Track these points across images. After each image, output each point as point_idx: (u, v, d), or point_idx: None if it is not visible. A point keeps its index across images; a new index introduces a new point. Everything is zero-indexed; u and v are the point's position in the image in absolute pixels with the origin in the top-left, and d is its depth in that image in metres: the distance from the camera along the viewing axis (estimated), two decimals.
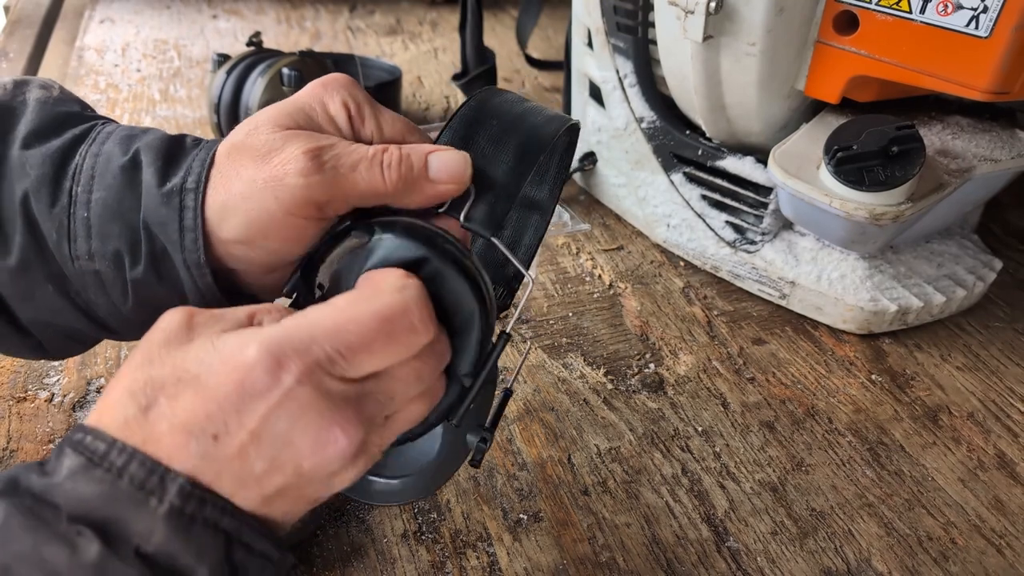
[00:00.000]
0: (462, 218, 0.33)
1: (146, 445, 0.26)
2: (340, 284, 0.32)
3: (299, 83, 0.77)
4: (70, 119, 0.37)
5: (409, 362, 0.30)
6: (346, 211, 0.33)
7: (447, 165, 0.33)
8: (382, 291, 0.29)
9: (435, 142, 0.35)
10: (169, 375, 0.27)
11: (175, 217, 0.34)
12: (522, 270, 0.36)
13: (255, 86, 0.76)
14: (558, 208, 0.75)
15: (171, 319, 0.29)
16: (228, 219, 0.33)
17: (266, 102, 0.76)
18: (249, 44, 0.82)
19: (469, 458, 0.36)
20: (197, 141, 0.37)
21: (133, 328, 0.38)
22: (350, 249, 0.32)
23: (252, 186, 0.33)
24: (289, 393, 0.26)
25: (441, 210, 0.34)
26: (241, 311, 0.30)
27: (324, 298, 0.32)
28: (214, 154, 0.35)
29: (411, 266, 0.31)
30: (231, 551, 0.26)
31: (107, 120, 0.39)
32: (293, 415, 0.27)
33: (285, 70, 0.77)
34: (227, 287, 0.36)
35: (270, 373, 0.26)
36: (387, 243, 0.31)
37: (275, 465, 0.27)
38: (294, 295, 0.34)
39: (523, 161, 0.34)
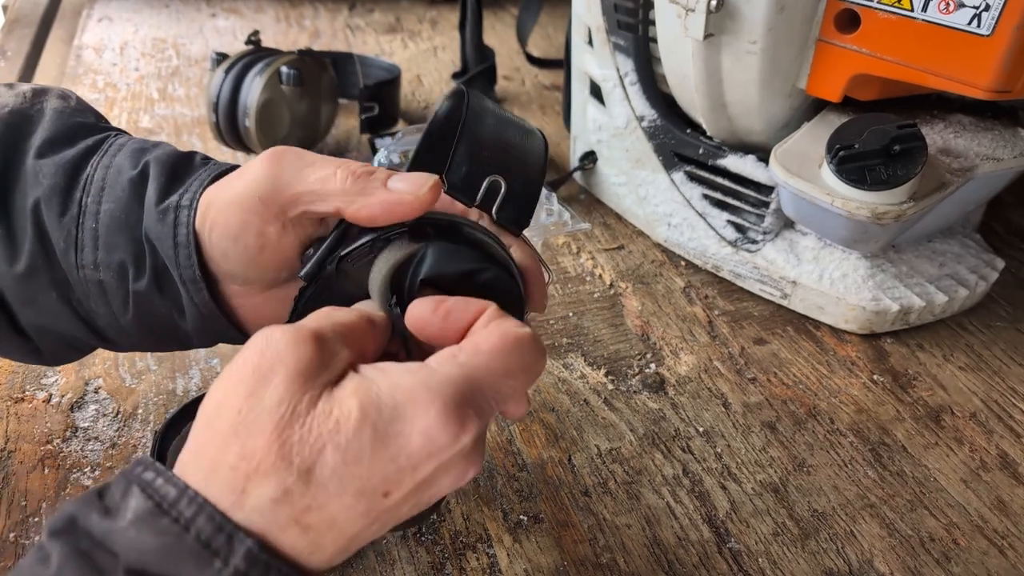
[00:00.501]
0: (495, 214, 0.34)
1: (307, 513, 0.25)
2: (400, 291, 0.32)
3: (298, 82, 0.77)
4: (84, 129, 0.38)
5: None
6: (298, 211, 0.33)
7: (411, 176, 0.32)
8: (525, 344, 0.29)
9: (429, 145, 0.35)
10: (330, 433, 0.25)
11: (170, 233, 0.34)
12: (547, 269, 0.36)
13: (253, 85, 0.76)
14: (558, 207, 0.74)
15: (300, 349, 0.27)
16: (212, 233, 0.33)
17: (265, 101, 0.76)
18: (248, 43, 0.82)
19: None
20: (206, 160, 0.38)
21: (130, 339, 0.38)
22: (406, 257, 0.32)
23: (226, 192, 0.33)
24: (461, 449, 0.27)
25: (474, 205, 0.34)
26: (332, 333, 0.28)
27: (401, 308, 0.31)
28: (217, 174, 0.35)
29: (471, 273, 0.32)
30: None
31: (120, 132, 0.39)
32: (454, 466, 0.27)
33: (284, 69, 0.76)
34: (227, 305, 0.36)
35: (454, 436, 0.26)
36: (445, 250, 0.32)
37: (413, 506, 0.27)
38: (313, 276, 0.33)
39: (536, 164, 0.35)
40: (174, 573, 0.24)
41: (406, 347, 0.33)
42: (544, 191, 0.73)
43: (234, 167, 0.36)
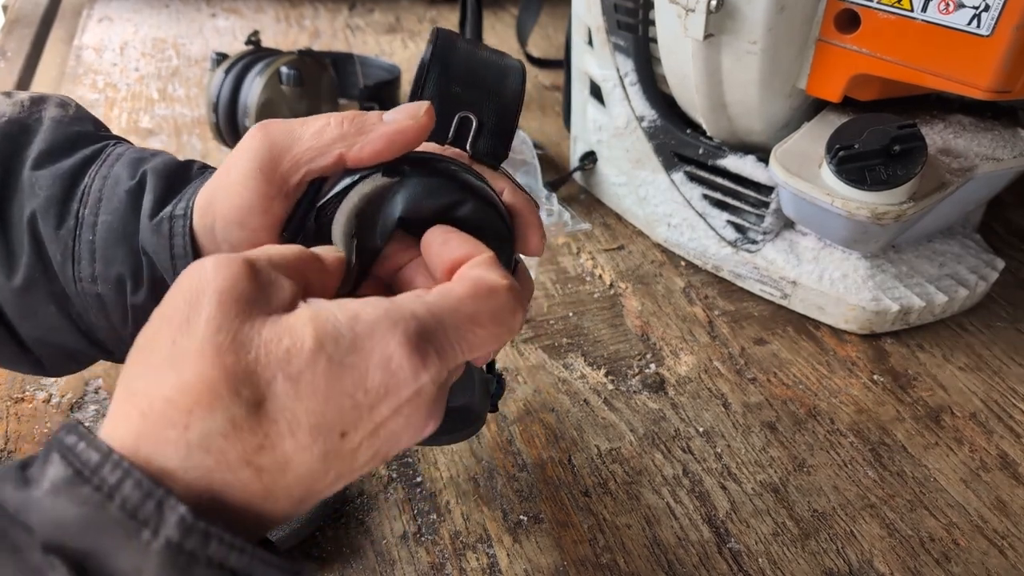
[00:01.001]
0: (469, 149, 0.33)
1: (260, 453, 0.23)
2: (371, 227, 0.31)
3: (298, 82, 0.77)
4: (83, 139, 0.37)
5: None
6: (303, 173, 0.31)
7: (403, 107, 0.31)
8: (499, 294, 0.27)
9: (417, 84, 0.34)
10: (281, 363, 0.23)
11: (166, 245, 0.33)
12: (519, 188, 0.35)
13: (253, 85, 0.76)
14: (558, 208, 0.74)
15: (233, 272, 0.24)
16: (217, 226, 0.32)
17: (265, 101, 0.76)
18: (248, 43, 0.82)
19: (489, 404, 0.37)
20: (204, 168, 0.37)
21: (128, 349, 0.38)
22: (376, 190, 0.31)
23: (223, 180, 0.32)
24: (420, 390, 0.25)
25: (447, 143, 0.33)
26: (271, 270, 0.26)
27: (362, 245, 0.30)
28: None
29: (450, 207, 0.30)
30: None
31: (119, 140, 0.38)
32: (413, 409, 0.25)
33: (283, 69, 0.76)
34: None
35: (414, 370, 0.24)
36: (420, 184, 0.30)
37: (375, 458, 0.25)
38: (295, 236, 0.32)
39: (512, 97, 0.34)
40: (97, 547, 0.21)
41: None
42: (544, 191, 0.73)
43: None
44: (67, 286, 0.35)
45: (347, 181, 0.31)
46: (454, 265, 0.29)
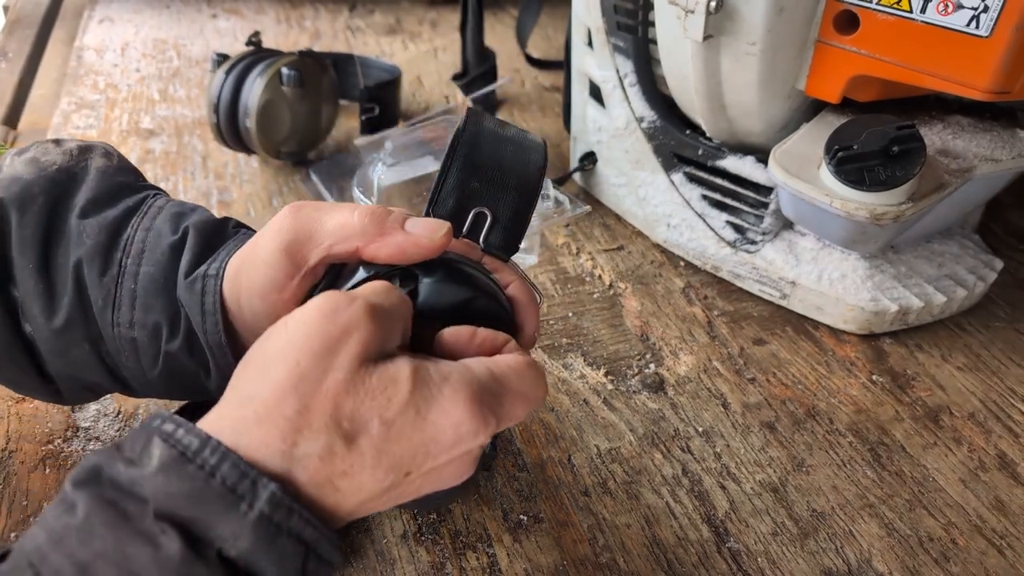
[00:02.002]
0: (481, 243, 0.36)
1: (343, 478, 0.27)
2: None
3: (298, 83, 0.77)
4: (125, 189, 0.40)
5: None
6: (321, 256, 0.34)
7: (426, 221, 0.34)
8: (540, 371, 0.32)
9: (441, 177, 0.36)
10: (379, 411, 0.28)
11: (198, 301, 0.35)
12: (537, 291, 0.38)
13: (254, 86, 0.76)
14: (555, 194, 0.75)
15: (365, 322, 0.29)
16: (242, 294, 0.35)
17: (265, 102, 0.76)
18: (248, 44, 0.82)
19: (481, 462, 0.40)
20: (238, 227, 0.40)
21: (152, 390, 0.40)
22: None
23: (251, 253, 0.35)
24: (472, 448, 0.29)
25: (462, 235, 0.36)
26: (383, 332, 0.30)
27: None
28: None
29: (460, 304, 0.34)
30: (307, 561, 0.27)
31: (158, 192, 0.41)
32: (463, 463, 0.30)
33: (284, 70, 0.76)
34: None
35: (475, 430, 0.29)
36: (434, 287, 0.33)
37: (418, 490, 0.30)
38: None
39: (529, 190, 0.37)
40: (202, 516, 0.25)
41: None
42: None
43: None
44: (104, 329, 0.37)
45: (362, 275, 0.34)
46: (492, 350, 0.33)
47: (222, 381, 0.37)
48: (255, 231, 0.38)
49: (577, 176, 0.80)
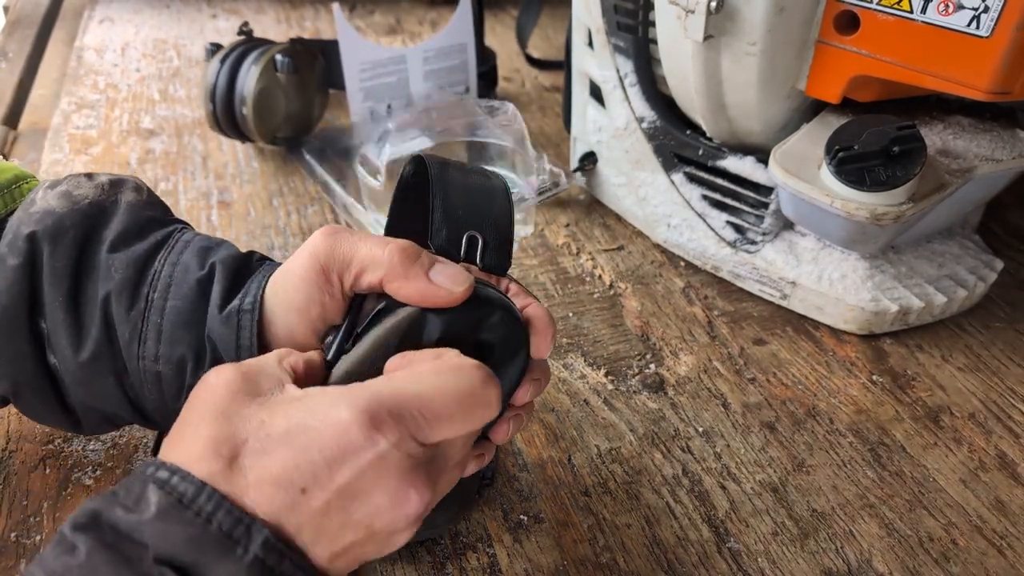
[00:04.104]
0: (479, 263, 0.38)
1: (230, 497, 0.27)
2: (407, 346, 0.34)
3: (293, 69, 0.77)
4: (153, 223, 0.40)
5: (471, 431, 0.32)
6: (350, 281, 0.35)
7: (450, 271, 0.35)
8: (464, 370, 0.31)
9: (430, 209, 0.37)
10: (254, 430, 0.28)
11: (232, 336, 0.36)
12: (539, 303, 0.39)
13: (249, 73, 0.76)
14: (549, 167, 0.75)
15: (227, 375, 0.30)
16: (278, 310, 0.36)
17: (261, 88, 0.76)
18: (240, 33, 0.82)
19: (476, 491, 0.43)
20: (262, 260, 0.40)
21: (173, 422, 0.40)
22: (416, 315, 0.34)
23: (290, 271, 0.36)
24: (381, 454, 0.28)
25: (460, 260, 0.37)
26: (276, 367, 0.32)
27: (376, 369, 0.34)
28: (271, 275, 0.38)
29: (480, 319, 0.35)
30: None
31: (184, 227, 0.42)
32: (379, 475, 0.28)
33: (278, 56, 0.77)
34: None
35: (366, 434, 0.28)
36: (441, 318, 0.34)
37: (351, 522, 0.29)
38: (334, 356, 0.36)
39: (505, 211, 0.39)
40: (201, 560, 0.26)
41: None
42: (533, 152, 0.74)
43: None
44: (129, 363, 0.38)
45: (384, 303, 0.35)
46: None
47: None
48: (279, 263, 0.39)
49: (577, 176, 0.80)
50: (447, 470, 0.32)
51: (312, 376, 0.33)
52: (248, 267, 0.39)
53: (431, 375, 0.30)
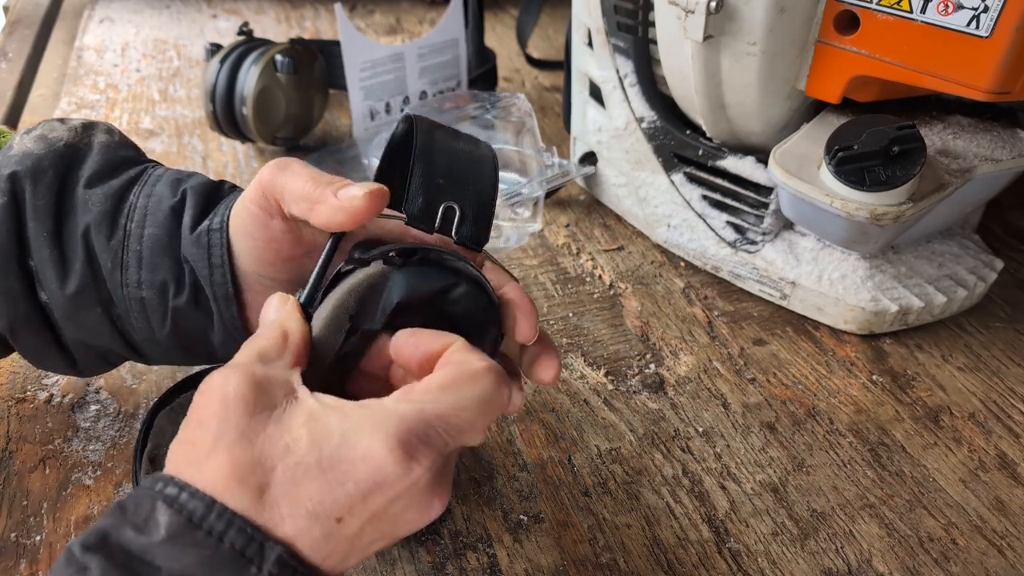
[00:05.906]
0: (454, 235, 0.36)
1: (275, 530, 0.27)
2: (371, 310, 0.35)
3: (292, 69, 0.77)
4: (126, 162, 0.42)
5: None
6: (288, 210, 0.36)
7: (355, 186, 0.35)
8: (479, 377, 0.31)
9: (408, 175, 0.37)
10: (280, 455, 0.28)
11: (204, 255, 0.38)
12: (517, 283, 0.38)
13: (249, 73, 0.76)
14: (558, 160, 0.75)
15: (238, 386, 0.29)
16: (235, 236, 0.37)
17: (262, 88, 0.76)
18: (240, 33, 0.82)
19: None
20: (234, 187, 0.42)
21: (161, 352, 0.42)
22: (375, 276, 0.34)
23: (240, 203, 0.38)
24: (415, 480, 0.28)
25: (435, 231, 0.37)
26: (283, 368, 0.31)
27: (354, 327, 0.34)
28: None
29: (444, 289, 0.34)
30: None
31: (156, 164, 0.43)
32: (412, 497, 0.29)
33: (278, 57, 0.77)
34: (250, 321, 0.40)
35: (402, 467, 0.28)
36: (416, 271, 0.34)
37: (379, 536, 0.29)
38: (310, 306, 0.35)
39: (488, 182, 0.38)
40: None
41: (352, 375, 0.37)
42: (543, 147, 0.74)
43: None
44: (114, 291, 0.39)
45: (345, 267, 0.35)
46: (429, 359, 0.32)
47: (226, 334, 0.40)
48: None
49: (577, 176, 0.80)
50: (455, 458, 0.33)
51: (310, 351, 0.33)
52: (219, 193, 0.41)
53: (452, 391, 0.30)
